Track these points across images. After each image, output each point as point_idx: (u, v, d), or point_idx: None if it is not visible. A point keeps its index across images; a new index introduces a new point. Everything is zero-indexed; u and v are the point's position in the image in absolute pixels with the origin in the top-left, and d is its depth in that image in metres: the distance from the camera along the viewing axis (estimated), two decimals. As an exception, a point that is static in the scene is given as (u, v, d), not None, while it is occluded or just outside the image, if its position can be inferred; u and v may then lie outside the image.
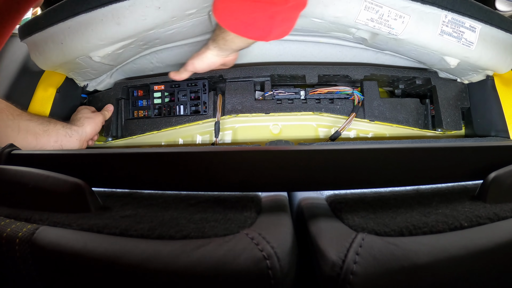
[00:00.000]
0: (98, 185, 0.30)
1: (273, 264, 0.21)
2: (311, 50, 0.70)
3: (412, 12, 0.52)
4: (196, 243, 0.22)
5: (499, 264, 0.23)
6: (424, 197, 0.30)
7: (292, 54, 0.71)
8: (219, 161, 0.28)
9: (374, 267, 0.21)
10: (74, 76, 0.70)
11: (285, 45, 0.69)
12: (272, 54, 0.71)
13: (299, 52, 0.71)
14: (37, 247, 0.23)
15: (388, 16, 0.52)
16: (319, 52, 0.71)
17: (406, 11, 0.52)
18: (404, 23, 0.53)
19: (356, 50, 0.70)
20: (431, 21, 0.53)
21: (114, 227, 0.24)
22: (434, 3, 0.52)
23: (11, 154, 0.32)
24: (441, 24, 0.53)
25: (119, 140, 0.72)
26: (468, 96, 0.70)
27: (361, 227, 0.24)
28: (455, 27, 0.54)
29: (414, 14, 0.52)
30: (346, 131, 0.69)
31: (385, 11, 0.52)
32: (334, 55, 0.71)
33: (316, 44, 0.69)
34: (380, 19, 0.53)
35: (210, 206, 0.28)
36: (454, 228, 0.23)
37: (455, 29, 0.54)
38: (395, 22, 0.53)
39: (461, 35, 0.54)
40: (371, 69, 0.69)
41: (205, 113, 0.70)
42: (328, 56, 0.71)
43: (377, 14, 0.52)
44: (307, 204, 0.32)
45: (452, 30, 0.54)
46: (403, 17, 0.52)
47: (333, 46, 0.69)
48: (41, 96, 0.67)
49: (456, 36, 0.54)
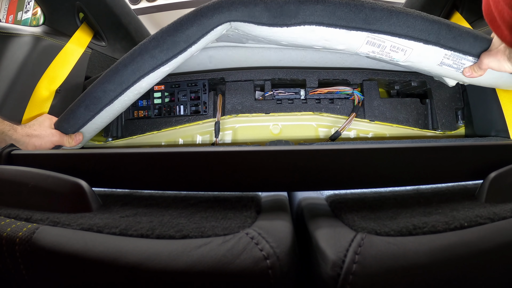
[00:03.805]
0: (98, 185, 0.30)
1: (273, 264, 0.21)
2: (311, 56, 0.70)
3: (415, 46, 0.52)
4: (196, 242, 0.22)
5: (499, 264, 0.23)
6: (424, 197, 0.30)
7: (292, 59, 0.71)
8: (219, 161, 0.28)
9: (374, 267, 0.21)
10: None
11: (284, 52, 0.70)
12: (272, 60, 0.72)
13: (299, 58, 0.71)
14: (37, 246, 0.23)
15: (390, 49, 0.52)
16: (319, 58, 0.71)
17: (408, 45, 0.52)
18: (406, 55, 0.53)
19: (357, 56, 0.70)
20: (432, 54, 0.53)
21: (114, 227, 0.24)
22: (438, 43, 0.51)
23: (11, 154, 0.32)
24: (443, 57, 0.53)
25: (119, 140, 0.72)
26: (461, 96, 0.70)
27: (361, 227, 0.24)
28: (456, 59, 0.53)
29: (417, 48, 0.52)
30: (346, 131, 0.69)
31: (387, 45, 0.52)
32: (334, 60, 0.71)
33: (316, 51, 0.69)
34: (382, 52, 0.53)
35: (210, 206, 0.28)
36: (454, 228, 0.23)
37: (455, 61, 0.54)
38: (396, 54, 0.53)
39: (461, 66, 0.54)
40: (369, 74, 0.69)
41: (205, 113, 0.70)
42: (328, 62, 0.71)
43: (379, 48, 0.52)
44: (307, 204, 0.32)
45: (453, 62, 0.54)
46: (405, 50, 0.52)
47: (333, 53, 0.70)
48: (41, 96, 0.67)
49: (455, 67, 0.54)
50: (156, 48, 0.52)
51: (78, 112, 0.57)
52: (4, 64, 0.67)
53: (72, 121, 0.58)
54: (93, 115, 0.57)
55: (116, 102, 0.56)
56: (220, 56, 0.71)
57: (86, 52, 0.79)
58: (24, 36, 0.71)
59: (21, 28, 0.72)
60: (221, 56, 0.71)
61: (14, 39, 0.70)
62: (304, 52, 0.70)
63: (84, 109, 0.56)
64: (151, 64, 0.53)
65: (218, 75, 0.70)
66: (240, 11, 0.49)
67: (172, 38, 0.51)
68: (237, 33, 0.56)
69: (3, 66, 0.67)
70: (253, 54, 0.69)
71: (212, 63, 0.72)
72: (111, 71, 0.54)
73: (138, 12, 1.24)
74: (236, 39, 0.61)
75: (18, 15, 1.20)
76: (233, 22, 0.51)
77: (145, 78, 0.54)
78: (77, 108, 0.57)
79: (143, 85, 0.56)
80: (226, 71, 0.71)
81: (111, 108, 0.57)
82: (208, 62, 0.72)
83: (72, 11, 0.78)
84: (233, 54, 0.70)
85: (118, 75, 0.54)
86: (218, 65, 0.73)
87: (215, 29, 0.51)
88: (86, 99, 0.56)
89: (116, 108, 0.59)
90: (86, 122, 0.58)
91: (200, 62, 0.72)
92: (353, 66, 0.72)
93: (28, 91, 0.67)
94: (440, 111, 0.68)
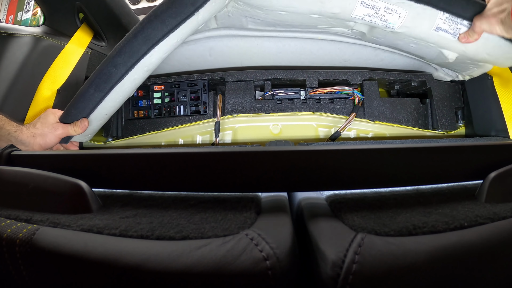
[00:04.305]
0: (98, 186, 0.30)
1: (273, 264, 0.21)
2: (310, 47, 0.70)
3: (409, 8, 0.53)
4: (196, 243, 0.22)
5: (499, 264, 0.23)
6: (424, 197, 0.30)
7: (292, 51, 0.71)
8: (219, 162, 0.28)
9: (374, 267, 0.21)
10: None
11: (284, 42, 0.70)
12: (272, 52, 0.72)
13: (298, 49, 0.71)
14: (37, 248, 0.23)
15: (384, 11, 0.53)
16: (318, 50, 0.71)
17: (402, 6, 0.53)
18: (401, 18, 0.53)
19: (355, 46, 0.70)
20: (427, 17, 0.53)
21: (114, 228, 0.24)
22: (429, 3, 0.52)
23: (11, 155, 0.32)
24: (437, 21, 0.53)
25: (119, 140, 0.72)
26: (461, 96, 0.70)
27: (361, 227, 0.24)
28: (451, 24, 0.54)
29: (411, 10, 0.53)
30: (346, 131, 0.69)
31: (381, 6, 0.53)
32: (333, 51, 0.71)
33: (315, 41, 0.69)
34: (376, 14, 0.53)
35: (210, 207, 0.28)
36: (454, 228, 0.23)
37: (451, 26, 0.54)
38: (391, 16, 0.53)
39: (457, 31, 0.54)
40: (369, 73, 0.69)
41: (205, 113, 0.70)
42: (327, 53, 0.71)
43: (373, 10, 0.53)
44: (307, 204, 0.32)
45: (449, 27, 0.54)
46: (399, 12, 0.53)
47: (332, 43, 0.70)
48: (42, 96, 0.67)
49: (452, 32, 0.54)
50: (166, 12, 0.52)
51: (87, 94, 0.56)
52: (4, 64, 0.67)
53: (82, 104, 0.56)
54: (103, 96, 0.56)
55: (126, 80, 0.55)
56: (220, 48, 0.71)
57: (86, 52, 0.79)
58: (24, 36, 0.71)
59: (21, 28, 0.72)
60: (221, 48, 0.71)
61: (14, 39, 0.70)
62: (303, 43, 0.70)
63: (94, 90, 0.55)
64: (161, 30, 0.53)
65: (218, 75, 0.70)
66: None
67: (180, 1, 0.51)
68: (237, 8, 0.56)
69: (3, 66, 0.67)
70: (253, 45, 0.69)
71: (212, 55, 0.72)
72: (121, 43, 0.54)
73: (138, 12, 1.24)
74: (236, 20, 0.61)
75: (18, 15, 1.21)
76: None
77: (155, 48, 0.54)
78: (87, 90, 0.56)
79: (152, 60, 0.55)
80: (226, 71, 0.71)
81: (121, 88, 0.56)
82: (208, 55, 0.72)
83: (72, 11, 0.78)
84: (233, 45, 0.70)
85: (128, 45, 0.53)
86: (218, 58, 0.74)
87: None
88: (96, 78, 0.55)
89: (126, 88, 0.58)
90: (97, 104, 0.56)
91: (200, 55, 0.72)
92: (353, 57, 0.72)
93: (28, 91, 0.67)
94: (440, 111, 0.68)
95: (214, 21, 0.64)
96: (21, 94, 0.66)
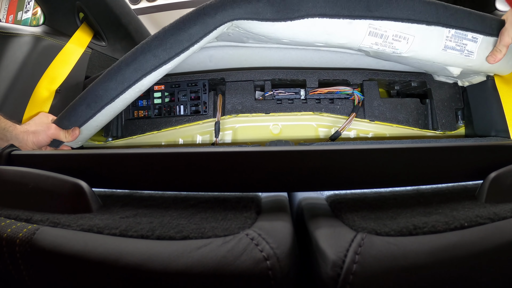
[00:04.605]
0: (98, 186, 0.30)
1: (273, 264, 0.21)
2: (311, 56, 0.70)
3: (416, 32, 0.52)
4: (196, 243, 0.22)
5: (499, 264, 0.23)
6: (424, 197, 0.30)
7: (292, 59, 0.71)
8: (219, 162, 0.28)
9: (374, 267, 0.21)
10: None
11: (285, 52, 0.70)
12: (273, 60, 0.72)
13: (299, 58, 0.71)
14: (37, 247, 0.23)
15: (392, 39, 0.52)
16: (320, 58, 0.71)
17: (410, 32, 0.52)
18: (409, 43, 0.53)
19: (357, 56, 0.70)
20: (435, 38, 0.53)
21: (114, 228, 0.24)
22: (440, 23, 0.52)
23: (11, 154, 0.32)
24: (445, 40, 0.53)
25: (119, 140, 0.72)
26: (461, 97, 0.70)
27: (361, 227, 0.24)
28: (458, 40, 0.54)
29: (419, 34, 0.52)
30: (346, 131, 0.69)
31: (390, 34, 0.52)
32: (334, 60, 0.71)
33: (316, 51, 0.69)
34: (385, 42, 0.53)
35: (210, 207, 0.28)
36: (454, 228, 0.23)
37: (458, 43, 0.54)
38: (399, 43, 0.53)
39: (464, 47, 0.54)
40: (369, 74, 0.70)
41: (205, 113, 0.70)
42: (328, 61, 0.72)
43: (381, 39, 0.52)
44: (307, 204, 0.32)
45: (456, 44, 0.54)
46: (408, 38, 0.52)
47: (334, 52, 0.70)
48: (41, 96, 0.67)
49: (459, 49, 0.55)
50: (159, 48, 0.52)
51: (79, 110, 0.57)
52: (4, 64, 0.67)
53: (73, 118, 0.58)
54: (94, 113, 0.57)
55: (118, 100, 0.57)
56: (220, 55, 0.71)
57: (86, 52, 0.79)
58: (24, 36, 0.71)
59: (21, 28, 0.72)
60: (222, 55, 0.71)
61: (14, 39, 0.70)
62: (304, 52, 0.70)
63: (85, 107, 0.56)
64: (153, 63, 0.53)
65: (218, 75, 0.70)
66: (243, 8, 0.49)
67: (175, 37, 0.51)
68: (238, 31, 0.56)
69: (3, 66, 0.67)
70: (253, 53, 0.69)
71: (213, 62, 0.72)
72: (113, 69, 0.54)
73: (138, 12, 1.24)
74: (236, 38, 0.61)
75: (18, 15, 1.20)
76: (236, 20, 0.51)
77: (147, 76, 0.54)
78: (78, 106, 0.57)
79: (144, 83, 0.56)
80: (226, 71, 0.71)
81: (113, 106, 0.57)
82: (209, 61, 0.72)
83: (72, 11, 0.78)
84: (233, 53, 0.70)
85: (120, 73, 0.54)
86: (219, 64, 0.74)
87: (218, 28, 0.51)
88: (88, 97, 0.56)
89: (118, 106, 0.59)
90: (87, 120, 0.58)
91: (200, 61, 0.72)
92: (354, 66, 0.72)
93: (28, 91, 0.67)
94: (440, 111, 0.68)
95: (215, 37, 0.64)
96: (21, 94, 0.66)
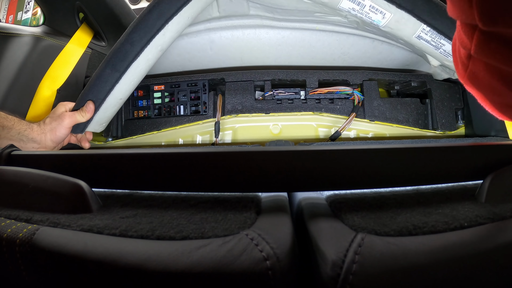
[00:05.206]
0: (98, 186, 0.30)
1: (273, 264, 0.21)
2: (309, 39, 0.71)
3: (394, 11, 0.53)
4: (196, 244, 0.22)
5: (499, 264, 0.23)
6: (424, 197, 0.30)
7: (290, 43, 0.72)
8: (219, 162, 0.28)
9: (374, 267, 0.21)
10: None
11: (283, 34, 0.70)
12: (271, 44, 0.72)
13: (297, 41, 0.72)
14: (37, 248, 0.23)
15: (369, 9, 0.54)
16: (317, 42, 0.71)
17: (388, 9, 0.53)
18: (385, 18, 0.54)
19: (353, 38, 0.70)
20: (411, 24, 0.54)
21: (114, 228, 0.24)
22: (411, 11, 0.52)
23: (11, 154, 0.32)
24: (420, 31, 0.54)
25: (119, 140, 0.72)
26: (461, 97, 0.70)
27: (361, 227, 0.24)
28: (434, 37, 0.55)
29: (397, 14, 0.54)
30: (346, 131, 0.69)
31: (367, 4, 0.54)
32: (332, 44, 0.71)
33: (313, 33, 0.70)
34: (361, 10, 0.54)
35: (210, 207, 0.28)
36: (454, 228, 0.23)
37: (434, 39, 0.55)
38: (375, 15, 0.54)
39: (440, 45, 0.55)
40: (369, 74, 0.70)
41: (205, 113, 0.70)
42: (326, 45, 0.72)
43: (358, 6, 0.54)
44: (307, 204, 0.32)
45: (431, 39, 0.55)
46: (384, 13, 0.54)
47: (330, 34, 0.70)
48: (43, 96, 0.67)
49: (434, 45, 0.55)
50: None
51: (104, 74, 0.56)
52: (4, 64, 0.67)
53: (97, 87, 0.57)
54: (119, 76, 0.57)
55: (141, 59, 0.57)
56: (220, 41, 0.72)
57: (86, 52, 0.79)
58: (24, 36, 0.71)
59: (21, 28, 0.72)
60: (222, 40, 0.72)
61: (14, 39, 0.70)
62: (302, 35, 0.71)
63: (110, 70, 0.56)
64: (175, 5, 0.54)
65: (218, 76, 0.70)
66: None
67: None
68: None
69: (3, 66, 0.67)
70: (253, 38, 0.71)
71: (213, 49, 0.73)
72: (136, 21, 0.56)
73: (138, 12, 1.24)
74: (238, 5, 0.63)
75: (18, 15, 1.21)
76: None
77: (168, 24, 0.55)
78: (103, 70, 0.56)
79: (165, 39, 0.57)
80: (226, 72, 0.72)
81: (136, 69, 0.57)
82: (209, 49, 0.74)
83: (72, 11, 0.78)
84: (233, 38, 0.71)
85: (143, 22, 0.55)
86: (219, 52, 0.75)
87: None
88: (112, 57, 0.56)
89: (140, 70, 0.59)
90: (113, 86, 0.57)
91: (201, 48, 0.73)
92: (351, 50, 0.72)
93: (28, 91, 0.67)
94: (440, 111, 0.68)
95: (216, 8, 0.64)
96: (21, 94, 0.66)
